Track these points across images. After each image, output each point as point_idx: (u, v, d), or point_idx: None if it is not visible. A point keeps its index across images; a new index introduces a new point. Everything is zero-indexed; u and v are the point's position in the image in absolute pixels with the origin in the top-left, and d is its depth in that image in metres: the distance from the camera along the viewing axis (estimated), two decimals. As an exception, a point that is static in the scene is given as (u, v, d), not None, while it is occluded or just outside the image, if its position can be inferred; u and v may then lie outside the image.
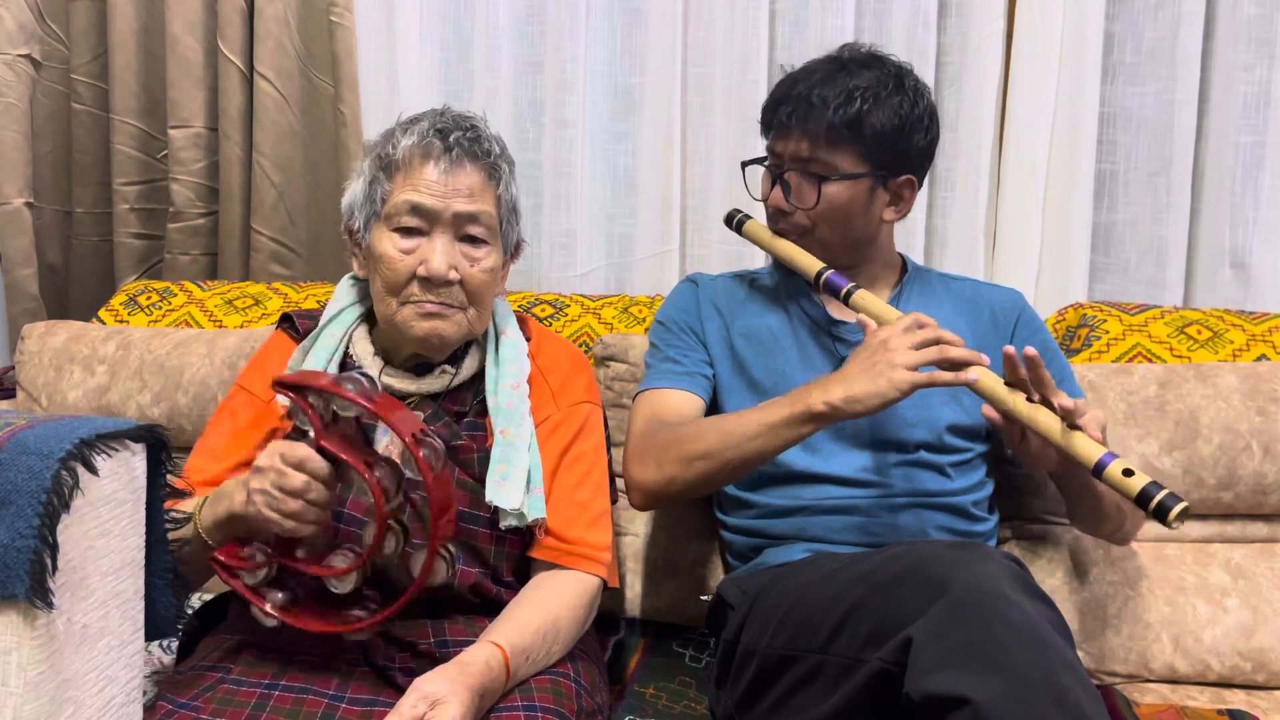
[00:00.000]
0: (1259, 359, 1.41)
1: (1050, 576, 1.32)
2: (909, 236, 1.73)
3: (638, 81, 1.83)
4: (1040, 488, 1.36)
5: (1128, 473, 0.95)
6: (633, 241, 1.87)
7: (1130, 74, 1.70)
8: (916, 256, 1.74)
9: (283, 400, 0.98)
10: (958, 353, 1.04)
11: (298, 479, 0.92)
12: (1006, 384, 1.05)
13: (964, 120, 1.74)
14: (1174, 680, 1.28)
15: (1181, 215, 1.68)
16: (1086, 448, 0.99)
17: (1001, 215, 1.75)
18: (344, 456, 0.93)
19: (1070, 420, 1.00)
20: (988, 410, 1.05)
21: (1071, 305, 1.58)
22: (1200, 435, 1.33)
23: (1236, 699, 1.24)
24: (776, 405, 1.09)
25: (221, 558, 0.98)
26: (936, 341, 1.05)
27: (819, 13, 1.73)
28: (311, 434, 0.94)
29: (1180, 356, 1.44)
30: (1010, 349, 1.03)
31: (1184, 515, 0.92)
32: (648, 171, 1.83)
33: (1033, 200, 1.70)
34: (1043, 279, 1.74)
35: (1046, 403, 1.02)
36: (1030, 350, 1.01)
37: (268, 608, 0.99)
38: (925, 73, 1.70)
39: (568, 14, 1.78)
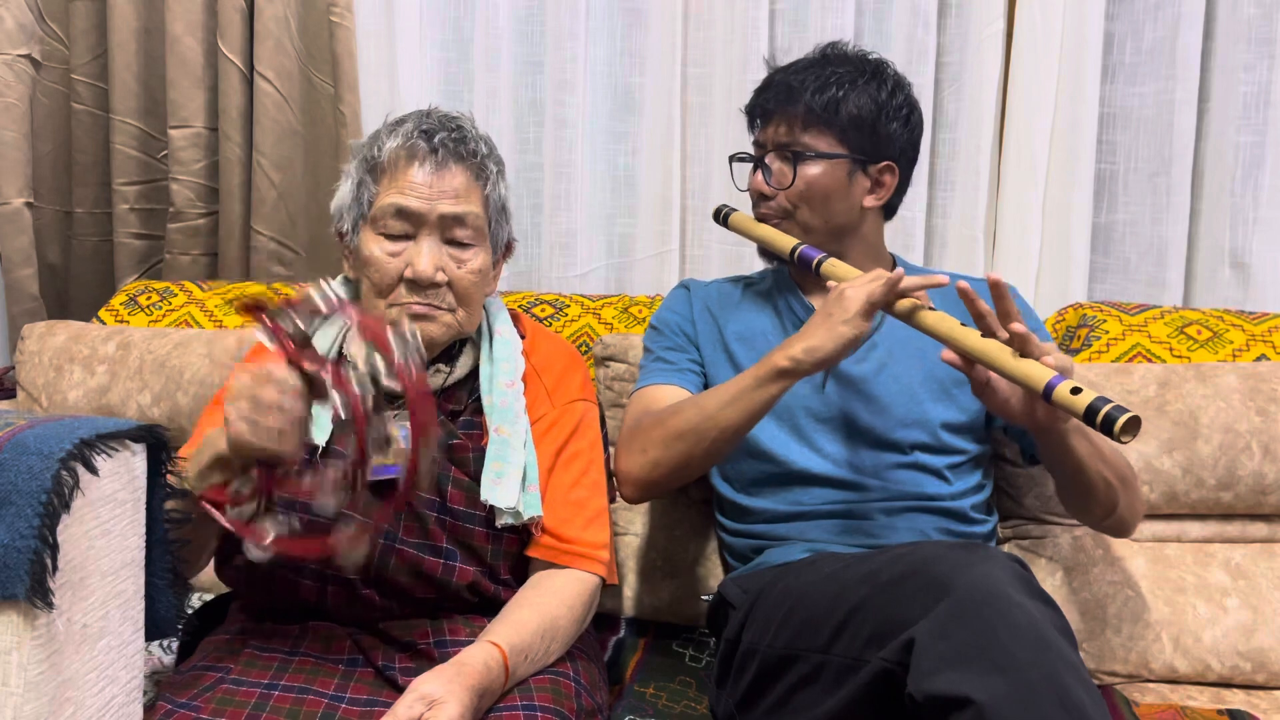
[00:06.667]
0: (1259, 359, 1.41)
1: (1050, 576, 1.32)
2: (908, 237, 1.73)
3: (638, 81, 1.83)
4: (1040, 488, 1.36)
5: (1076, 391, 0.94)
6: (633, 241, 1.87)
7: (1130, 74, 1.70)
8: (916, 256, 1.74)
9: (263, 337, 0.94)
10: (911, 281, 1.06)
11: (271, 392, 0.89)
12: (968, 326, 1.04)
13: (964, 120, 1.74)
14: (1174, 680, 1.28)
15: (1181, 215, 1.68)
16: (1036, 371, 0.97)
17: (1001, 215, 1.75)
18: (313, 366, 0.91)
19: (1024, 348, 0.98)
20: (947, 354, 1.03)
21: (1071, 305, 1.58)
22: (1200, 435, 1.33)
23: (1236, 699, 1.25)
24: (745, 373, 1.12)
25: (209, 496, 0.94)
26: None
27: (819, 13, 1.73)
28: (281, 352, 0.91)
29: (1180, 357, 1.44)
30: (964, 284, 1.01)
31: (1132, 428, 0.90)
32: (648, 171, 1.83)
33: (1033, 200, 1.70)
34: (1043, 279, 1.74)
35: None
36: (993, 275, 1.01)
37: (259, 539, 0.93)
38: (925, 73, 1.70)
39: (568, 14, 1.78)
